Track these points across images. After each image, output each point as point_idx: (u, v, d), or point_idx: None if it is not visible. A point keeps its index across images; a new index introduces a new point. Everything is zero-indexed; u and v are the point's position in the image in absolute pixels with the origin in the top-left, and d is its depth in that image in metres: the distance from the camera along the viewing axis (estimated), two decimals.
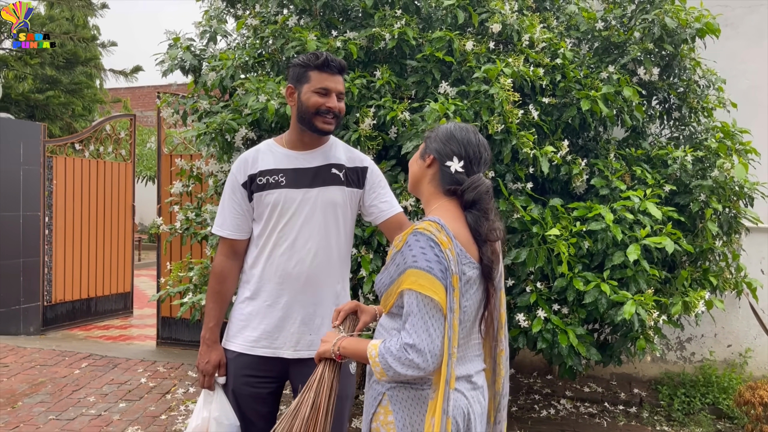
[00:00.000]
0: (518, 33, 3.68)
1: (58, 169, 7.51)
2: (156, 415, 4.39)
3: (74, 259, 7.75)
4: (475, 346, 1.75)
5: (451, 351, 1.58)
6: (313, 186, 2.15)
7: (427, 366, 1.55)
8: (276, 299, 2.14)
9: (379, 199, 2.26)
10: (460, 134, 1.74)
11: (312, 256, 2.13)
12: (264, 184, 2.15)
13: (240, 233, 2.20)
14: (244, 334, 2.18)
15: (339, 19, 3.95)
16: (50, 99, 10.37)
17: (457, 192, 1.71)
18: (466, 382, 1.69)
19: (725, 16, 4.84)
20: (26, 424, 4.17)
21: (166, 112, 3.97)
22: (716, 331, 5.15)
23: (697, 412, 4.59)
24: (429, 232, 1.60)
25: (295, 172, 2.15)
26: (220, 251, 2.24)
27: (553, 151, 3.47)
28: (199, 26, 4.03)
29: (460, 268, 1.61)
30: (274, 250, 2.14)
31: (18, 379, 5.14)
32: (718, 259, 3.97)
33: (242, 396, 2.17)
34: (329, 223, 2.16)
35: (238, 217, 2.19)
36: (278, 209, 2.13)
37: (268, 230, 2.16)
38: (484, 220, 1.68)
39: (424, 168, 1.77)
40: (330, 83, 2.12)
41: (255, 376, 2.16)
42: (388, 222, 2.26)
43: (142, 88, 20.87)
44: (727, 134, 4.02)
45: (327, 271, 2.16)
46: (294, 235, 2.13)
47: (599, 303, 3.22)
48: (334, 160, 2.20)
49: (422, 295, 1.56)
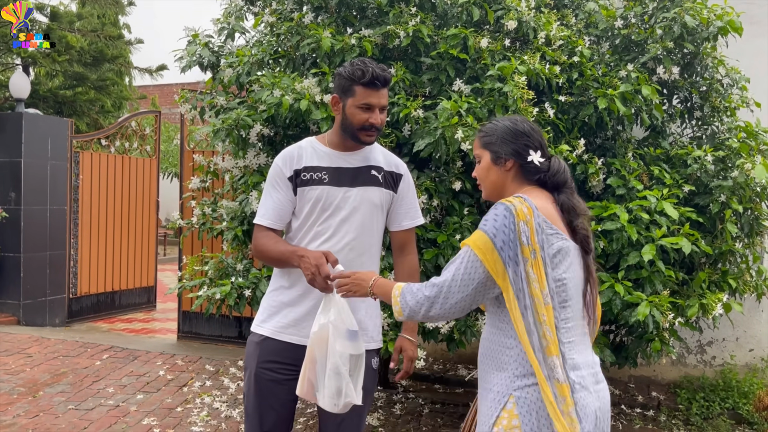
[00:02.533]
0: (534, 30, 3.65)
1: (85, 164, 7.66)
2: (172, 407, 4.45)
3: (99, 253, 7.89)
4: (586, 334, 1.72)
5: (535, 319, 1.57)
6: (354, 185, 2.23)
7: (435, 301, 1.65)
8: (309, 289, 2.18)
9: (403, 209, 2.35)
10: (522, 126, 1.78)
11: (346, 252, 2.20)
12: (308, 180, 2.23)
13: (280, 223, 2.27)
14: (274, 319, 2.24)
15: (355, 16, 3.96)
16: (78, 95, 10.56)
17: (543, 180, 1.75)
18: (587, 372, 1.66)
19: (750, 14, 4.73)
20: (46, 413, 4.26)
21: (184, 108, 4.01)
22: (738, 335, 5.06)
23: (715, 417, 4.52)
24: (511, 203, 1.64)
25: (337, 171, 2.23)
26: (256, 233, 2.27)
27: (568, 150, 3.44)
28: (218, 23, 4.07)
29: (541, 237, 1.61)
30: (311, 243, 2.22)
31: (40, 369, 5.25)
32: (738, 261, 3.90)
33: (263, 380, 2.23)
34: (365, 222, 2.24)
35: (281, 209, 2.25)
36: (320, 205, 2.21)
37: (307, 224, 2.23)
38: (574, 196, 1.74)
39: (504, 172, 1.78)
40: (374, 99, 2.17)
41: (278, 362, 2.21)
42: (395, 234, 2.38)
43: (170, 86, 21.13)
44: (750, 134, 3.93)
45: (359, 268, 2.19)
46: (332, 231, 2.21)
47: (613, 304, 3.19)
48: (373, 162, 2.28)
49: (472, 252, 1.62)
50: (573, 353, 1.63)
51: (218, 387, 4.86)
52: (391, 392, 4.88)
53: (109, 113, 11.72)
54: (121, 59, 11.18)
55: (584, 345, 1.69)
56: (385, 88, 2.20)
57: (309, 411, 4.43)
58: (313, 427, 4.11)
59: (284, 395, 2.23)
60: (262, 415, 2.25)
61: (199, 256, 4.12)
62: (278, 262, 2.23)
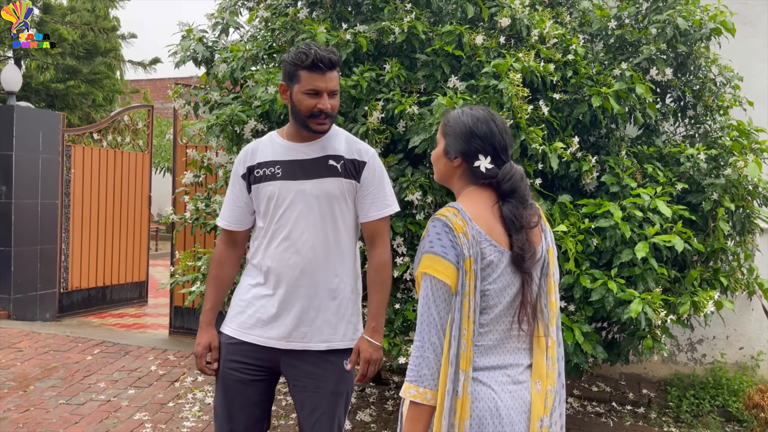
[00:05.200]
0: (528, 28, 3.65)
1: (77, 158, 7.61)
2: (164, 402, 4.44)
3: (91, 248, 7.85)
4: (516, 337, 1.70)
5: (458, 333, 1.57)
6: (309, 178, 2.13)
7: (426, 347, 1.58)
8: (273, 290, 2.15)
9: (369, 198, 2.21)
10: (480, 128, 1.69)
11: (307, 248, 2.12)
12: (261, 176, 2.16)
13: (238, 225, 2.24)
14: (239, 319, 2.19)
15: (350, 12, 3.95)
16: (70, 89, 10.49)
17: (492, 183, 1.70)
18: (498, 374, 1.65)
19: (743, 14, 4.76)
20: (36, 408, 4.24)
21: (177, 104, 4.00)
22: (728, 333, 5.09)
23: (705, 414, 4.55)
24: (445, 217, 1.62)
25: (291, 164, 2.15)
26: (220, 239, 2.30)
27: (562, 148, 3.44)
28: (212, 18, 4.05)
29: (476, 250, 1.60)
30: (271, 242, 2.16)
31: (31, 363, 5.22)
32: (730, 259, 3.92)
33: (229, 380, 2.18)
34: (325, 216, 2.14)
35: (236, 209, 2.22)
36: (274, 201, 2.14)
37: (266, 222, 2.17)
38: (522, 208, 1.67)
39: (452, 167, 1.75)
40: (320, 83, 2.07)
41: (244, 362, 2.16)
42: (364, 226, 2.24)
43: (162, 80, 21.05)
44: (743, 132, 3.95)
45: (323, 265, 2.15)
46: (290, 227, 2.13)
47: (606, 301, 3.20)
48: (332, 151, 2.17)
49: (435, 278, 1.59)
50: (481, 358, 1.64)
51: (210, 382, 4.85)
52: (383, 388, 4.88)
53: (101, 107, 11.65)
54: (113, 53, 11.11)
55: (504, 349, 1.68)
56: (331, 71, 2.08)
57: None
58: None
59: (253, 395, 2.19)
60: (231, 415, 2.20)
61: (192, 251, 4.12)
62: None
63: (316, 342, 2.14)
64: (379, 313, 2.21)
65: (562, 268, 3.29)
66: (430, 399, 1.57)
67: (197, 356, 2.20)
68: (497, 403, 1.61)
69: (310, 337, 2.14)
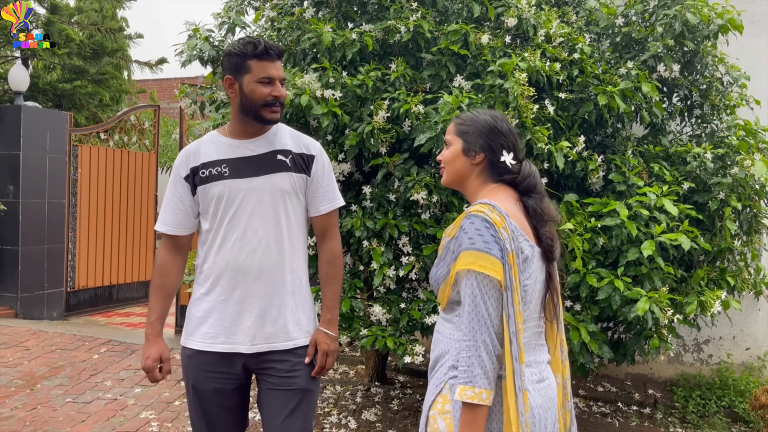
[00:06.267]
0: (534, 27, 3.65)
1: (83, 157, 7.65)
2: (170, 401, 4.45)
3: (97, 247, 7.88)
4: (537, 334, 1.71)
5: (515, 328, 1.57)
6: (258, 174, 2.07)
7: (478, 346, 1.55)
8: (230, 294, 2.08)
9: (320, 192, 2.18)
10: (502, 125, 1.75)
11: (263, 246, 2.07)
12: (207, 177, 2.08)
13: (181, 229, 2.15)
14: (201, 330, 2.11)
15: (355, 11, 3.96)
16: (77, 89, 10.53)
17: (511, 181, 1.73)
18: (529, 371, 1.65)
19: (750, 13, 4.74)
20: (43, 406, 4.26)
21: (184, 103, 4.01)
22: (735, 333, 5.07)
23: (712, 415, 4.53)
24: (482, 213, 1.62)
25: (238, 162, 2.08)
26: (162, 245, 2.20)
27: (568, 147, 3.44)
28: (218, 17, 4.06)
29: (516, 245, 1.61)
30: (223, 244, 2.08)
31: (38, 362, 5.25)
32: (737, 259, 3.91)
33: (204, 391, 2.11)
34: (278, 212, 2.09)
35: (179, 213, 2.14)
36: (224, 201, 2.07)
37: (216, 224, 2.09)
38: (543, 202, 1.72)
39: (471, 165, 1.75)
40: (273, 71, 2.04)
41: (214, 371, 2.10)
42: (315, 220, 2.21)
43: (169, 80, 21.09)
44: (750, 132, 3.94)
45: (280, 262, 2.10)
46: (243, 226, 2.07)
47: (612, 300, 3.19)
48: (279, 146, 2.12)
49: (482, 275, 1.57)
50: (526, 354, 1.65)
51: None
52: (389, 388, 4.88)
53: (108, 107, 11.69)
54: (120, 53, 11.15)
55: (531, 345, 1.69)
56: (279, 60, 2.07)
57: None
58: None
59: (228, 402, 2.14)
60: (209, 424, 2.14)
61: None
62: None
63: (282, 341, 2.10)
64: (333, 305, 2.20)
65: (568, 267, 3.29)
66: (485, 399, 1.54)
67: (148, 370, 2.11)
68: (530, 402, 1.62)
69: (275, 336, 2.09)
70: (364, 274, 3.56)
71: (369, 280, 3.53)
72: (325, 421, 4.13)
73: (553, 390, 1.71)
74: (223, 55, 2.11)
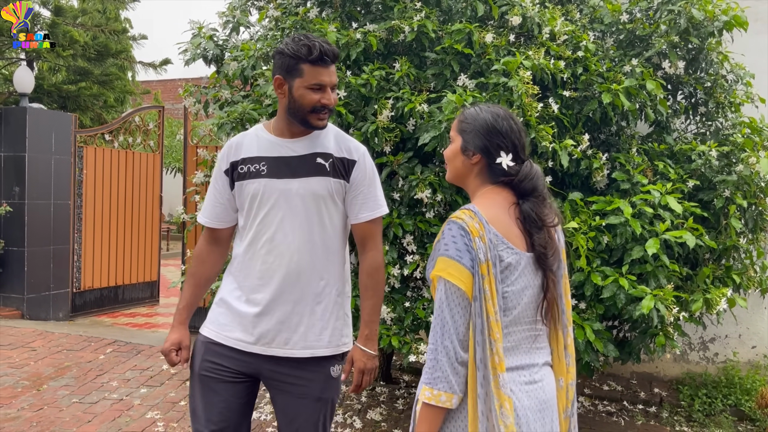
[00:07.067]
0: (539, 26, 3.64)
1: (88, 158, 7.67)
2: (176, 401, 4.46)
3: (103, 248, 7.91)
4: (532, 337, 1.69)
5: (483, 337, 1.57)
6: (296, 176, 2.01)
7: (440, 351, 1.56)
8: (254, 294, 2.04)
9: (359, 199, 2.09)
10: (501, 124, 1.68)
11: (292, 251, 2.01)
12: (245, 173, 2.04)
13: (219, 222, 2.13)
14: (219, 320, 2.09)
15: (359, 11, 3.96)
16: (82, 90, 10.57)
17: (510, 182, 1.68)
18: (516, 374, 1.64)
19: (755, 10, 4.73)
20: (50, 407, 4.28)
21: (188, 102, 4.02)
22: (740, 331, 5.05)
23: (718, 414, 4.52)
24: (461, 220, 1.61)
25: (277, 161, 2.03)
26: (202, 237, 2.20)
27: (573, 145, 3.43)
28: (223, 16, 4.07)
29: (493, 254, 1.59)
30: (254, 243, 2.05)
31: (45, 362, 5.27)
32: (742, 256, 3.90)
33: (207, 381, 2.07)
34: (311, 217, 2.03)
35: (218, 206, 2.12)
36: (258, 200, 2.03)
37: (249, 221, 2.06)
38: (542, 206, 1.66)
39: (469, 165, 1.72)
40: (326, 77, 1.97)
41: (222, 365, 2.06)
42: (354, 228, 2.14)
43: (173, 81, 21.14)
44: (755, 129, 3.93)
45: (308, 268, 2.03)
46: (274, 228, 2.02)
47: (617, 298, 3.18)
48: (320, 148, 2.05)
49: (449, 283, 1.57)
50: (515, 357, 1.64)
51: None
52: (394, 387, 4.89)
53: (113, 108, 11.73)
54: (124, 54, 11.18)
55: (521, 349, 1.67)
56: (334, 64, 1.99)
57: None
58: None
59: (232, 397, 2.07)
60: (209, 416, 2.06)
61: None
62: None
63: (299, 349, 2.04)
64: (372, 319, 2.12)
65: (572, 266, 3.28)
66: (445, 401, 1.56)
67: (165, 353, 2.10)
68: (515, 403, 1.61)
69: (293, 343, 2.04)
70: None
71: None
72: None
73: (547, 393, 1.69)
74: (274, 52, 2.05)
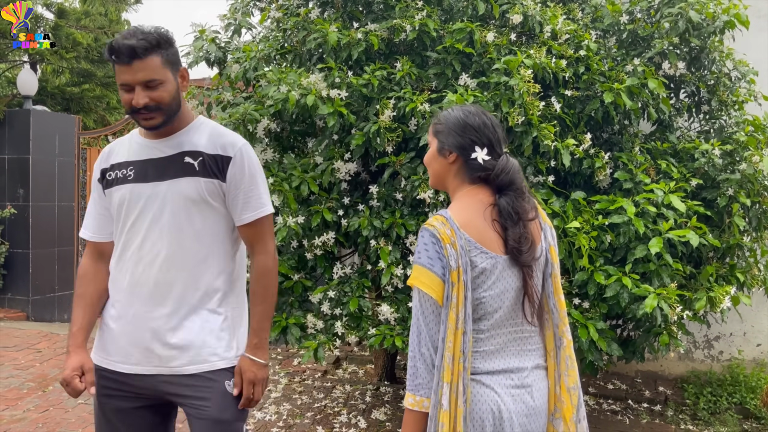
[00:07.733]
0: (540, 24, 3.64)
1: (92, 160, 7.69)
2: None
3: None
4: (521, 339, 1.68)
5: (444, 344, 1.56)
6: (163, 179, 1.84)
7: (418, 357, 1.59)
8: (126, 309, 1.87)
9: (240, 199, 1.89)
10: (473, 120, 1.68)
11: (161, 260, 1.84)
12: (113, 179, 1.89)
13: (101, 235, 1.96)
14: (100, 344, 1.94)
15: (361, 11, 3.97)
16: (85, 92, 10.61)
17: (487, 178, 1.67)
18: (503, 377, 1.63)
19: (758, 8, 4.72)
20: (55, 408, 4.29)
21: (191, 104, 4.02)
22: (745, 329, 5.05)
23: (723, 412, 4.51)
24: (433, 227, 1.60)
25: (144, 164, 1.87)
26: (85, 252, 2.02)
27: (575, 144, 3.43)
28: (224, 19, 4.08)
29: (464, 260, 1.58)
30: (123, 254, 1.89)
31: (50, 364, 5.28)
32: (746, 255, 3.89)
33: (108, 410, 1.92)
34: (182, 222, 1.84)
35: (98, 218, 1.96)
36: (125, 207, 1.86)
37: (118, 231, 1.90)
38: (520, 200, 1.65)
39: (447, 165, 1.71)
40: (128, 77, 1.76)
41: (119, 390, 1.90)
42: (240, 230, 1.94)
43: None
44: (758, 127, 3.92)
45: (180, 278, 1.85)
46: (141, 236, 1.85)
47: (621, 297, 3.18)
48: (189, 147, 1.86)
49: (422, 291, 1.59)
50: (484, 362, 1.62)
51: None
52: (398, 387, 4.89)
53: (116, 110, 11.76)
54: None
55: (508, 352, 1.66)
56: (138, 59, 1.74)
57: (316, 406, 4.45)
58: (320, 421, 4.12)
59: (139, 422, 1.93)
60: None
61: None
62: None
63: (183, 365, 1.85)
64: (261, 327, 1.93)
65: (576, 265, 3.28)
66: (428, 407, 1.58)
67: (66, 382, 1.86)
68: (500, 405, 1.60)
69: (174, 359, 1.85)
70: (371, 274, 3.57)
71: (377, 279, 3.54)
72: (335, 420, 4.14)
73: (536, 399, 1.67)
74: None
